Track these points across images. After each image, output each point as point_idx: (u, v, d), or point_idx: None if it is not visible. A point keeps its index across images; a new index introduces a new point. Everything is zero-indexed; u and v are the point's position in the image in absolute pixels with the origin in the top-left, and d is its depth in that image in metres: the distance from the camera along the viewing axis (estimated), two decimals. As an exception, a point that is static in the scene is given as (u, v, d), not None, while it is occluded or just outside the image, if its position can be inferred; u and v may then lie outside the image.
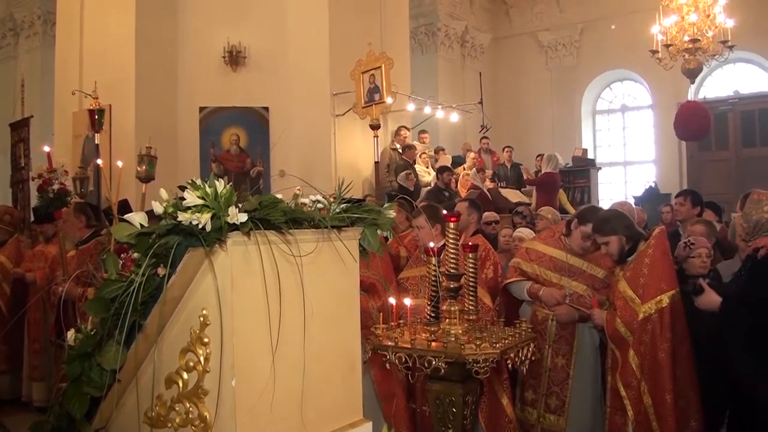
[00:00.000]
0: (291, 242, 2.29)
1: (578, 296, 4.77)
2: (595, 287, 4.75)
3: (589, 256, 4.85)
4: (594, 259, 4.84)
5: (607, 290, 4.72)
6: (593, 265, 4.82)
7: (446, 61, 16.81)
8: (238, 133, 9.27)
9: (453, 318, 3.75)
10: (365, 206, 2.63)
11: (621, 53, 16.36)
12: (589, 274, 4.81)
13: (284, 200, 2.37)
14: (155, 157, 6.68)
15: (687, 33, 11.41)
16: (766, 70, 15.64)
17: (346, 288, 2.62)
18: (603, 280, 4.76)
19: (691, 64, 11.59)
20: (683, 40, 11.45)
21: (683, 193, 7.25)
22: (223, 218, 2.12)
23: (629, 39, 15.38)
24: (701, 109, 12.61)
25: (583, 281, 4.79)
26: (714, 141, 15.33)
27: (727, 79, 16.18)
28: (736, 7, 12.05)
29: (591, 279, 4.79)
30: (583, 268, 4.83)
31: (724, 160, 15.49)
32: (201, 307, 2.22)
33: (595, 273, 4.80)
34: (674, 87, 14.80)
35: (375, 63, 9.64)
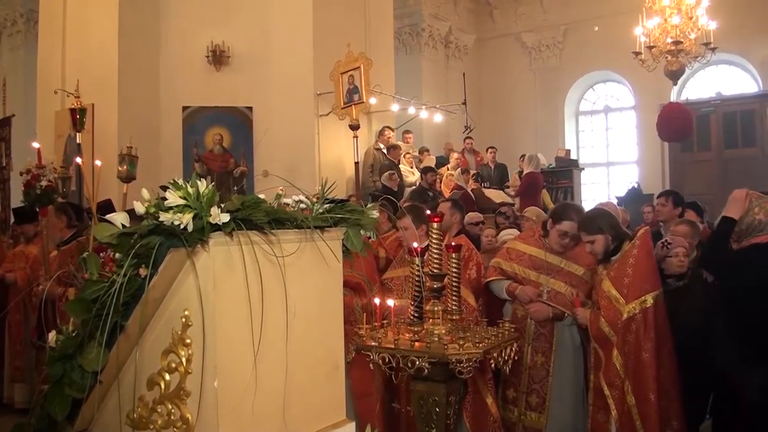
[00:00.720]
0: (273, 243, 2.28)
1: (556, 293, 4.79)
2: (574, 284, 4.78)
3: (568, 254, 4.88)
4: (572, 257, 4.87)
5: (585, 287, 4.75)
6: (571, 263, 4.86)
7: (430, 62, 16.84)
8: (221, 132, 9.24)
9: (436, 318, 3.75)
10: (348, 206, 2.63)
11: (604, 54, 16.46)
12: (567, 272, 4.84)
13: (267, 200, 2.36)
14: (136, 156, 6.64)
15: (670, 35, 11.49)
16: (748, 71, 15.79)
17: (329, 288, 2.62)
18: (581, 278, 4.79)
19: (673, 66, 11.67)
20: (666, 41, 11.53)
21: (665, 194, 7.30)
22: (205, 218, 2.11)
23: (612, 40, 15.47)
24: (684, 111, 12.70)
25: (561, 279, 4.82)
26: (696, 142, 15.45)
27: (709, 81, 16.32)
28: (719, 9, 12.16)
29: (569, 277, 4.82)
30: (561, 266, 4.86)
31: (707, 161, 15.61)
32: (183, 307, 2.21)
33: (574, 270, 4.83)
34: (657, 88, 14.90)
35: (354, 63, 9.65)
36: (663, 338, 4.30)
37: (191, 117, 9.18)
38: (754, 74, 15.58)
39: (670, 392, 4.33)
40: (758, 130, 15.21)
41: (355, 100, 9.59)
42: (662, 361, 4.26)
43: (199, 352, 2.16)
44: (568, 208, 5.02)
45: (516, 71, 18.14)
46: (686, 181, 15.27)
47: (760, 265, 3.94)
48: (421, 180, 11.38)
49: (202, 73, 9.15)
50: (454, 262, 3.84)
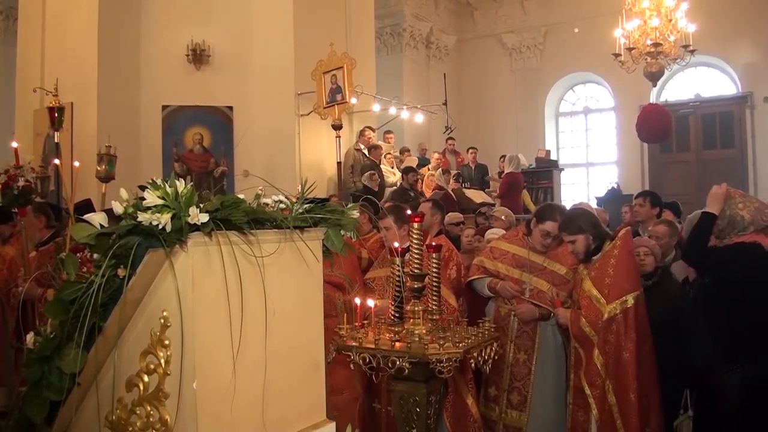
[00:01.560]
0: (253, 243, 2.28)
1: (538, 292, 4.82)
2: (556, 284, 4.81)
3: (550, 253, 4.91)
4: (555, 256, 4.90)
5: (567, 286, 4.78)
6: (554, 262, 4.89)
7: (411, 62, 16.85)
8: (201, 132, 9.20)
9: (417, 318, 3.76)
10: (328, 207, 2.63)
11: (584, 56, 16.54)
12: (549, 271, 4.87)
13: (246, 201, 2.36)
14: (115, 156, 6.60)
15: (649, 37, 11.57)
16: (726, 74, 15.91)
17: (309, 288, 2.61)
18: (563, 277, 4.82)
19: (653, 68, 11.75)
20: (645, 43, 11.60)
21: (643, 194, 7.35)
22: (184, 218, 2.10)
23: (592, 42, 15.55)
24: (663, 112, 12.80)
25: (544, 278, 4.85)
26: (675, 143, 15.59)
27: (688, 83, 16.43)
28: (698, 12, 12.27)
29: (552, 276, 4.85)
30: (544, 265, 4.89)
31: (685, 162, 15.76)
32: (161, 308, 2.20)
33: (556, 270, 4.86)
34: (636, 90, 14.99)
35: (337, 63, 9.61)
36: (643, 338, 4.33)
37: (171, 116, 9.13)
38: (732, 76, 15.72)
39: (649, 391, 4.36)
40: (736, 132, 15.38)
41: (338, 99, 9.55)
42: (642, 361, 4.29)
43: (177, 353, 2.14)
44: (552, 208, 5.06)
45: (496, 72, 18.19)
46: (665, 182, 15.40)
47: (743, 265, 3.97)
48: (402, 180, 11.37)
49: (182, 72, 9.11)
50: (434, 263, 3.85)
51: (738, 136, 15.36)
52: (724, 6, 14.65)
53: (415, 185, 11.24)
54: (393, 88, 14.68)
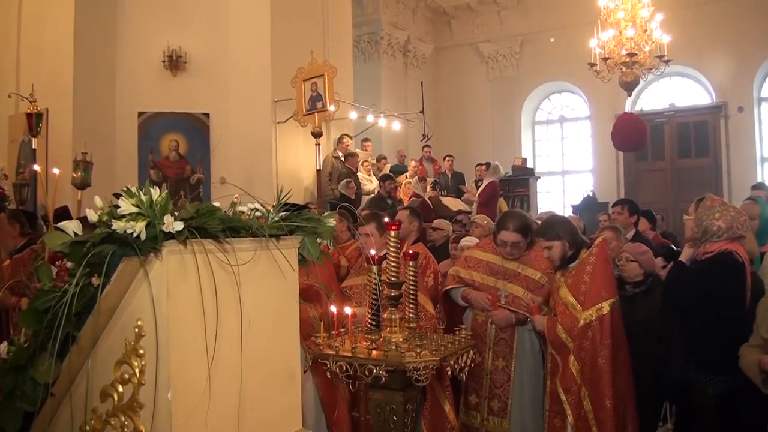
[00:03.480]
0: (228, 251, 2.27)
1: (514, 298, 4.83)
2: (531, 288, 4.82)
3: (524, 258, 4.91)
4: (528, 261, 4.90)
5: (542, 291, 4.79)
6: (527, 267, 4.89)
7: (389, 70, 16.89)
8: (177, 139, 9.15)
9: (394, 326, 3.76)
10: (305, 215, 2.62)
11: (560, 65, 16.66)
12: (524, 276, 4.87)
13: (222, 208, 2.35)
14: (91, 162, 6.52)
15: (624, 47, 11.67)
16: (700, 83, 16.07)
17: (285, 297, 2.61)
18: (538, 282, 4.83)
19: (628, 77, 11.87)
20: (621, 53, 11.71)
21: (621, 203, 7.41)
22: (159, 226, 2.09)
23: (568, 52, 15.67)
24: (638, 121, 12.94)
25: (518, 283, 4.86)
26: (650, 152, 15.74)
27: (663, 92, 16.58)
28: (672, 23, 12.39)
29: (526, 281, 4.85)
30: (518, 271, 4.89)
31: (660, 170, 15.92)
32: (136, 317, 2.18)
33: (530, 275, 4.86)
34: (612, 99, 15.12)
35: (318, 71, 9.61)
36: (619, 345, 4.36)
37: (147, 123, 9.07)
38: (707, 86, 15.89)
39: (625, 398, 4.39)
40: (711, 141, 15.54)
41: (318, 107, 9.54)
42: (618, 368, 4.32)
43: (152, 363, 2.13)
44: (508, 217, 5.02)
45: (473, 81, 18.27)
46: (640, 190, 15.54)
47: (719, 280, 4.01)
48: (379, 188, 11.38)
49: (158, 78, 9.06)
50: (411, 270, 3.85)
51: (712, 145, 15.54)
52: (698, 17, 14.83)
53: (392, 193, 11.25)
54: (370, 95, 14.71)
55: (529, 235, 4.87)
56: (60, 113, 8.48)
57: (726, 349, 3.93)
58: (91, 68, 8.76)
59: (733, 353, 3.90)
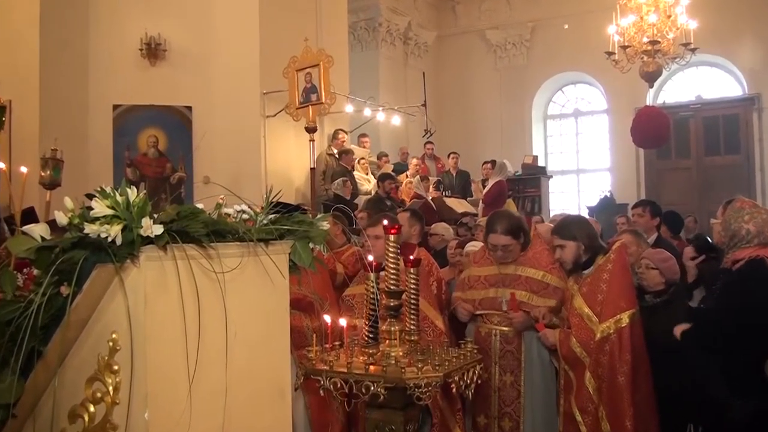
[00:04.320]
0: (212, 257, 2.26)
1: (519, 303, 4.80)
2: (535, 290, 4.80)
3: (521, 259, 4.91)
4: (526, 261, 4.90)
5: (547, 290, 4.78)
6: (527, 268, 4.88)
7: (388, 60, 16.90)
8: (156, 134, 9.14)
9: (393, 339, 3.74)
10: (296, 217, 2.61)
11: (574, 54, 16.66)
12: (525, 278, 4.86)
13: (206, 210, 2.34)
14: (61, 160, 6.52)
15: (646, 34, 11.66)
16: (731, 74, 16.02)
17: (274, 307, 2.59)
18: (541, 282, 4.82)
19: (649, 67, 11.86)
20: (642, 41, 11.70)
21: (641, 204, 7.39)
22: (136, 230, 2.08)
23: (583, 39, 15.68)
24: (660, 115, 12.92)
25: (521, 287, 4.84)
26: (674, 148, 15.74)
27: (688, 84, 16.58)
28: (699, 7, 12.33)
29: (529, 283, 4.83)
30: (518, 273, 4.88)
31: (685, 169, 15.91)
32: (110, 330, 2.17)
33: (531, 275, 4.84)
34: (631, 91, 15.10)
35: (313, 60, 9.57)
36: (639, 360, 4.34)
37: (123, 117, 9.07)
38: (738, 77, 15.84)
39: (647, 419, 4.38)
40: (742, 136, 15.51)
41: (312, 100, 9.49)
42: (639, 385, 4.31)
43: (127, 380, 2.11)
44: (496, 218, 5.03)
45: (480, 71, 18.27)
46: (663, 190, 15.55)
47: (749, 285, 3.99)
48: (377, 188, 11.36)
49: (135, 68, 9.06)
50: (412, 278, 3.83)
51: (744, 141, 15.50)
52: (728, 1, 14.79)
53: (392, 193, 11.24)
54: (368, 87, 14.69)
55: (521, 236, 4.88)
56: (25, 105, 8.46)
57: (757, 365, 3.92)
58: (60, 56, 8.75)
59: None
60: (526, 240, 4.91)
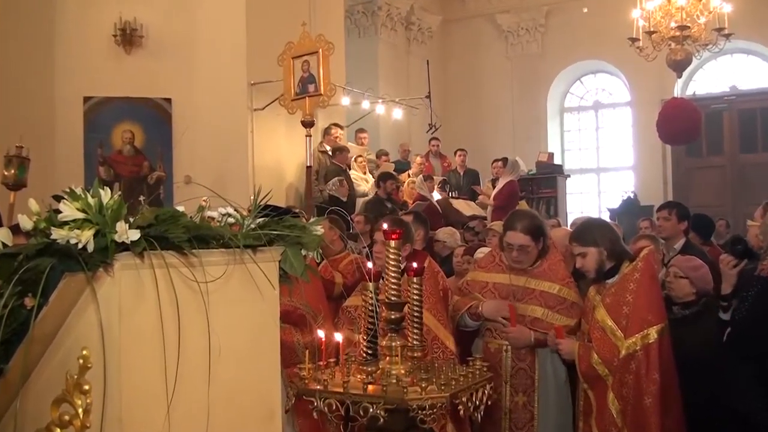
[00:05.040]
0: (194, 265, 2.26)
1: (533, 320, 4.79)
2: (551, 305, 4.79)
3: (536, 271, 4.89)
4: (542, 273, 4.88)
5: (563, 306, 4.77)
6: (542, 281, 4.87)
7: (388, 47, 16.91)
8: (132, 129, 9.15)
9: (394, 356, 3.74)
10: (287, 221, 2.61)
11: (594, 41, 16.68)
12: (540, 292, 4.84)
13: (187, 214, 2.33)
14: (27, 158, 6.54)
15: (674, 18, 11.65)
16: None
17: (263, 320, 2.59)
18: (558, 296, 4.80)
19: (678, 55, 11.85)
20: (669, 26, 11.69)
21: (668, 206, 7.38)
22: (110, 236, 2.07)
23: (604, 24, 15.70)
24: (690, 108, 12.93)
25: (535, 302, 4.83)
26: (705, 145, 15.74)
27: (722, 73, 16.58)
28: (735, -11, 12.33)
29: (544, 297, 4.82)
30: (531, 287, 4.87)
31: (718, 167, 15.90)
32: (80, 346, 2.15)
33: (546, 289, 4.83)
34: (658, 82, 15.14)
35: (311, 47, 9.55)
36: (669, 380, 4.33)
37: (95, 110, 9.07)
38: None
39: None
40: (782, 131, 15.52)
41: (310, 91, 9.47)
42: (668, 407, 4.30)
43: (99, 402, 2.11)
44: (515, 216, 5.05)
45: (490, 59, 18.28)
46: (692, 191, 15.54)
47: None
48: (377, 188, 11.36)
49: (108, 56, 9.07)
50: (415, 288, 3.83)
51: (784, 136, 15.52)
52: (766, -18, 14.80)
53: (393, 195, 11.24)
54: (366, 77, 14.69)
55: (541, 239, 4.86)
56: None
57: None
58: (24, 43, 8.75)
59: None
60: (544, 247, 4.89)
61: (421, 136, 15.18)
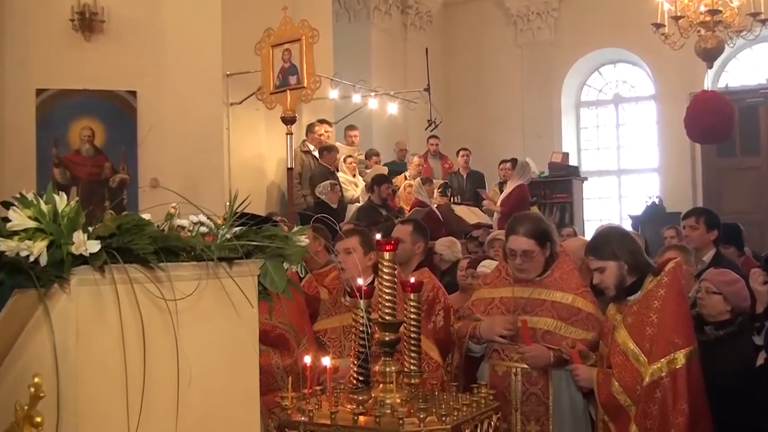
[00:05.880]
0: (162, 281, 2.26)
1: (544, 333, 4.77)
2: (564, 317, 4.77)
3: (545, 281, 4.89)
4: (552, 283, 4.88)
5: (577, 317, 4.76)
6: (553, 291, 4.86)
7: (382, 33, 16.91)
8: (92, 126, 9.14)
9: (389, 383, 3.74)
10: (267, 230, 2.61)
11: (615, 27, 16.73)
12: (551, 303, 4.82)
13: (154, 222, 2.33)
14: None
15: (704, 2, 11.67)
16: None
17: (239, 342, 2.59)
18: (571, 306, 4.79)
19: (708, 43, 11.87)
20: (698, 10, 11.71)
21: (694, 213, 7.40)
22: (66, 248, 2.07)
23: (626, 8, 15.76)
24: (722, 102, 12.95)
25: (546, 314, 4.80)
26: (739, 143, 15.74)
27: (758, 63, 16.62)
28: (772, -32, 12.36)
29: (556, 308, 4.79)
30: (542, 298, 4.85)
31: (753, 169, 15.91)
32: (31, 372, 2.13)
33: (558, 299, 4.82)
34: (686, 73, 15.17)
35: (293, 34, 9.54)
36: (698, 410, 4.33)
37: (49, 104, 9.06)
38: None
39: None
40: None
41: (291, 83, 9.47)
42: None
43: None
44: (518, 219, 5.05)
45: (497, 47, 18.30)
46: (725, 196, 15.55)
47: None
48: (370, 193, 11.34)
49: (64, 44, 9.06)
50: (412, 306, 3.83)
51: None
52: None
53: (389, 201, 11.23)
54: (357, 68, 14.74)
55: (547, 246, 4.85)
56: None
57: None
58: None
59: None
60: (552, 254, 4.89)
61: (420, 133, 15.19)
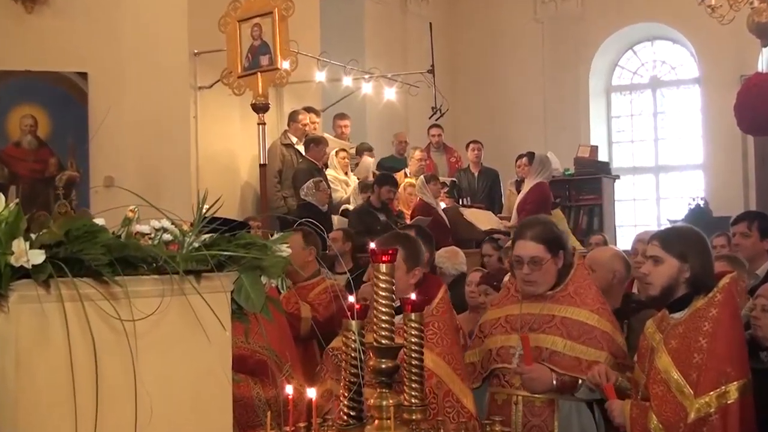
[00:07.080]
0: (118, 297, 2.26)
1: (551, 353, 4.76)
2: (575, 336, 4.74)
3: (557, 296, 4.89)
4: (565, 299, 4.89)
5: (590, 337, 4.74)
6: (567, 306, 4.87)
7: (378, 6, 16.92)
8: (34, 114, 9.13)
9: (385, 419, 3.74)
10: (242, 238, 2.60)
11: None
12: (561, 319, 4.81)
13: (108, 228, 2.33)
14: None
15: (758, -32, 11.71)
16: None
17: (209, 370, 2.58)
18: (585, 324, 4.78)
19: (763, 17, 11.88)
20: (751, -22, 11.75)
21: (746, 218, 7.40)
22: (4, 258, 2.08)
23: (664, -25, 15.79)
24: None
25: (555, 332, 4.79)
26: (800, 136, 15.79)
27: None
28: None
29: (566, 325, 4.77)
30: (552, 313, 4.86)
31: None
32: (-35, 403, 2.17)
33: (571, 315, 4.80)
34: (736, 52, 15.20)
35: (263, 6, 9.58)
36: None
37: (-17, 88, 9.07)
38: None
39: None
40: None
41: (262, 64, 9.48)
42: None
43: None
44: (526, 223, 5.13)
45: (513, 22, 18.31)
46: (782, 198, 15.57)
47: None
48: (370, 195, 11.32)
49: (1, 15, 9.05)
50: (414, 327, 3.83)
51: None
52: None
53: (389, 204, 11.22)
54: (349, 46, 14.75)
55: (558, 254, 4.86)
56: None
57: None
58: None
59: None
60: (566, 264, 4.89)
61: (422, 123, 15.19)
